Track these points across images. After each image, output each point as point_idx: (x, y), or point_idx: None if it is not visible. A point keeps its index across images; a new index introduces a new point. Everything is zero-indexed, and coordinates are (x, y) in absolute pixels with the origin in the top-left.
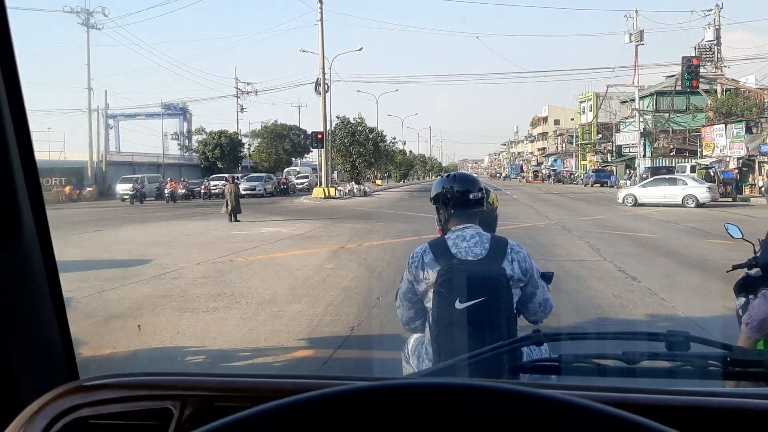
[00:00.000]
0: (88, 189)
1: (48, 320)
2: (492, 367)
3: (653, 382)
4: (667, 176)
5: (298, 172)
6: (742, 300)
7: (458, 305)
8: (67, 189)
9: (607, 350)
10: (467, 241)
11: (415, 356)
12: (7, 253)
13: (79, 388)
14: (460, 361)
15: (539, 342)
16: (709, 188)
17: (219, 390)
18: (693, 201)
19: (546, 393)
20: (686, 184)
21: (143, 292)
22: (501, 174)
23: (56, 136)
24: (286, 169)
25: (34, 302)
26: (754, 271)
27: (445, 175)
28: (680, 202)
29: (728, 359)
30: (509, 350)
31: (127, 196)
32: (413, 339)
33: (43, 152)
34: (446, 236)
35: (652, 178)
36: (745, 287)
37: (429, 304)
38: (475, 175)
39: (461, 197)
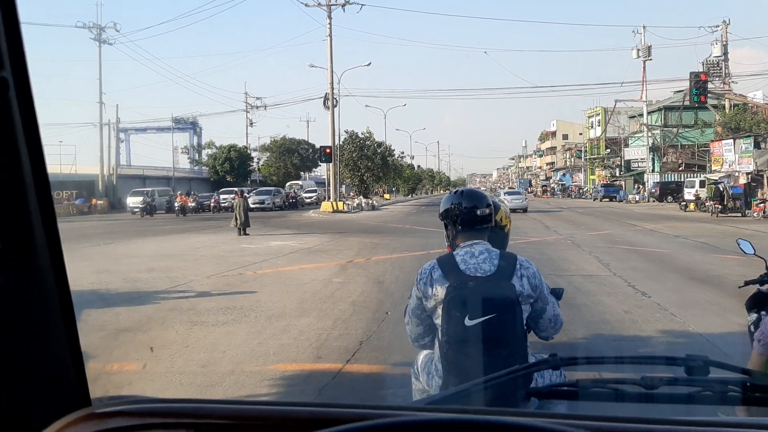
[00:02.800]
0: (99, 202)
1: (60, 343)
2: (507, 391)
3: (672, 408)
4: (498, 191)
5: (301, 186)
6: (754, 316)
7: (467, 322)
8: (104, 202)
9: (624, 373)
10: (476, 258)
11: (424, 373)
12: (20, 274)
13: (91, 415)
14: (474, 386)
15: (556, 366)
16: (512, 200)
17: (233, 418)
18: None
19: (546, 425)
20: (500, 196)
21: (153, 305)
22: (502, 189)
23: (67, 150)
24: (288, 183)
25: (46, 324)
26: (766, 287)
27: (453, 191)
28: None
29: (748, 384)
30: (524, 374)
31: (137, 209)
32: (422, 355)
33: (54, 165)
34: (455, 252)
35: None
36: (758, 303)
37: (438, 321)
38: (483, 189)
39: (469, 213)
